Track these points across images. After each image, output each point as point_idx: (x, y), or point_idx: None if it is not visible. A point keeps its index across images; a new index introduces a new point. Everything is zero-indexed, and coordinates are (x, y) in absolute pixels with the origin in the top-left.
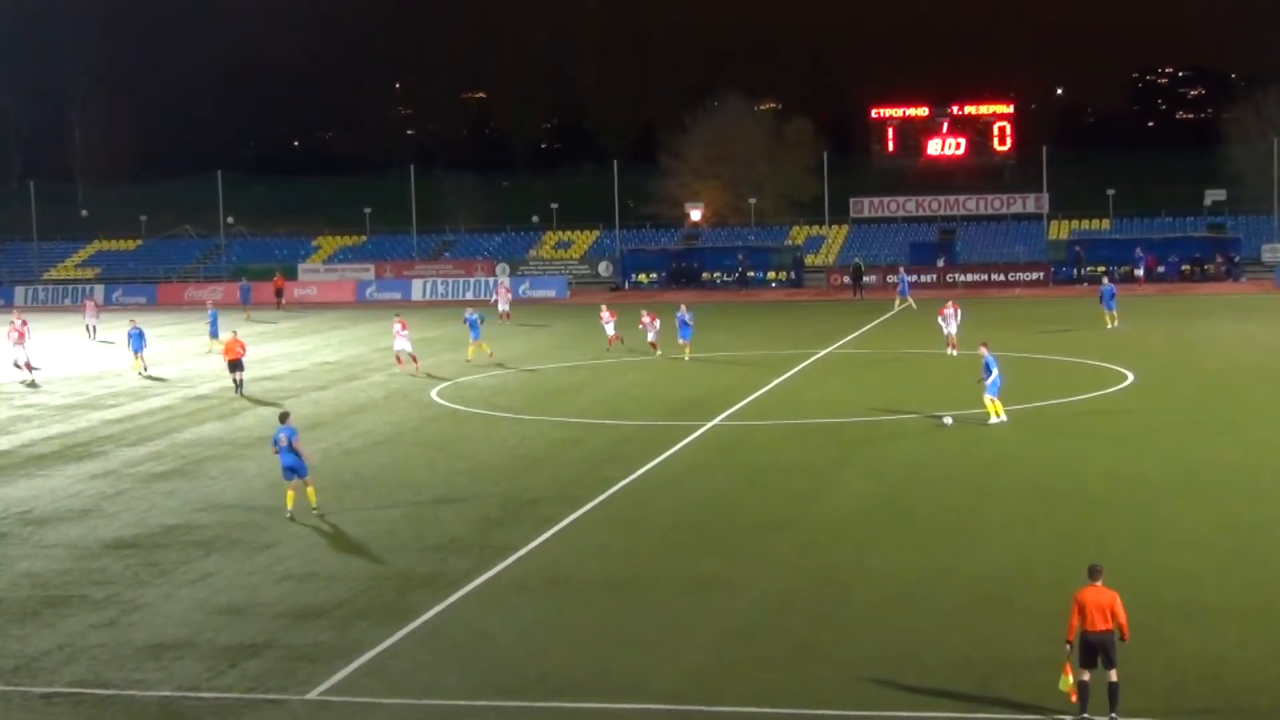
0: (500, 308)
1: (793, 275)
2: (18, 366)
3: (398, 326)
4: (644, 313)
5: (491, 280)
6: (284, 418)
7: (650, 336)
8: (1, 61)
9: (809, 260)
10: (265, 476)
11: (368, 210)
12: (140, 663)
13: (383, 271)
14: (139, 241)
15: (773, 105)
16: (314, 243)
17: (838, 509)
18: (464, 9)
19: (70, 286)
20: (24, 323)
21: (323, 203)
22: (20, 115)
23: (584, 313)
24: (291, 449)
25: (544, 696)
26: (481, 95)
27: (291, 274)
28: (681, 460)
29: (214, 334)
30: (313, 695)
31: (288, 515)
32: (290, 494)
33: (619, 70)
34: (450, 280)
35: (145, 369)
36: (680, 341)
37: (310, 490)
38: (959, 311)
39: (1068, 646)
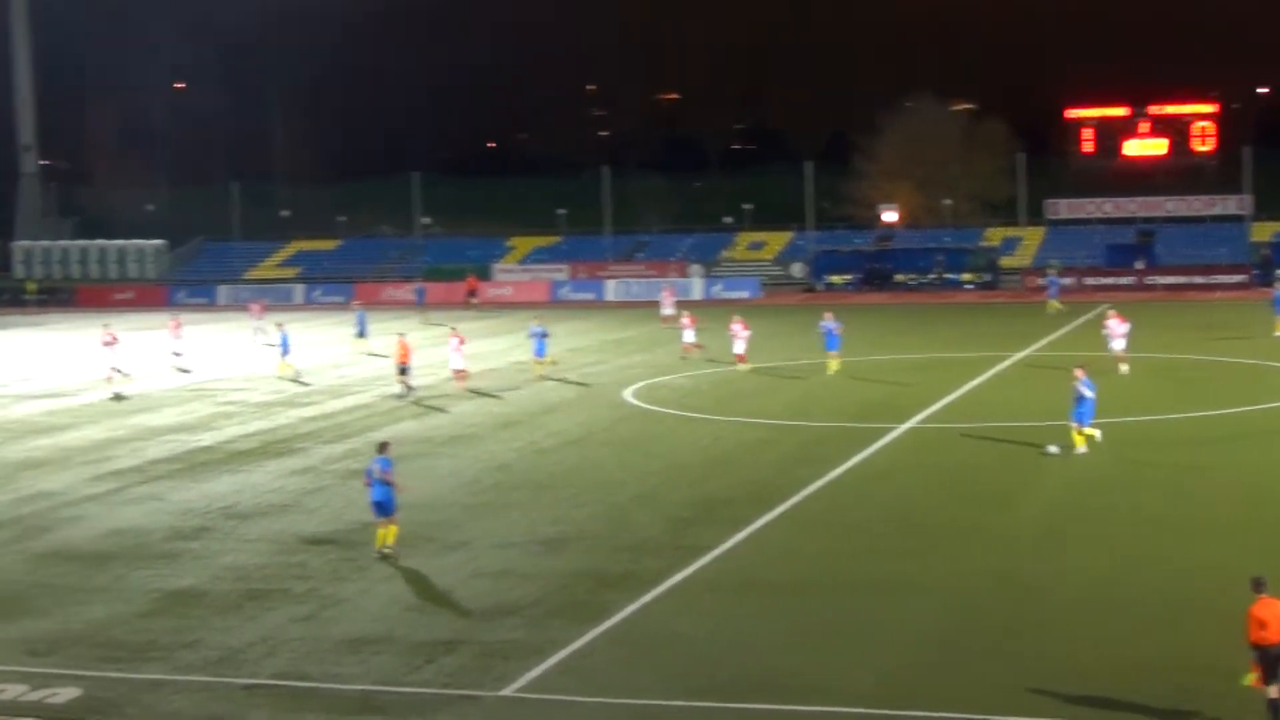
0: (664, 311)
1: (988, 277)
2: (176, 355)
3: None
4: (735, 319)
5: (679, 280)
6: (382, 447)
7: (738, 348)
8: (207, 66)
9: (1004, 262)
10: (459, 475)
11: (562, 211)
12: (339, 656)
13: (576, 272)
14: (338, 241)
15: (966, 106)
16: (508, 243)
17: (1031, 512)
18: (657, 11)
19: (271, 286)
20: (178, 324)
21: (517, 203)
22: (225, 118)
23: (778, 314)
24: (384, 481)
25: (736, 697)
26: (674, 96)
27: (486, 274)
28: (874, 462)
29: (361, 334)
30: (507, 692)
31: (385, 551)
32: (381, 532)
33: (811, 71)
34: (644, 281)
35: (284, 374)
36: (828, 353)
37: (393, 530)
38: (1126, 324)
39: (1253, 654)
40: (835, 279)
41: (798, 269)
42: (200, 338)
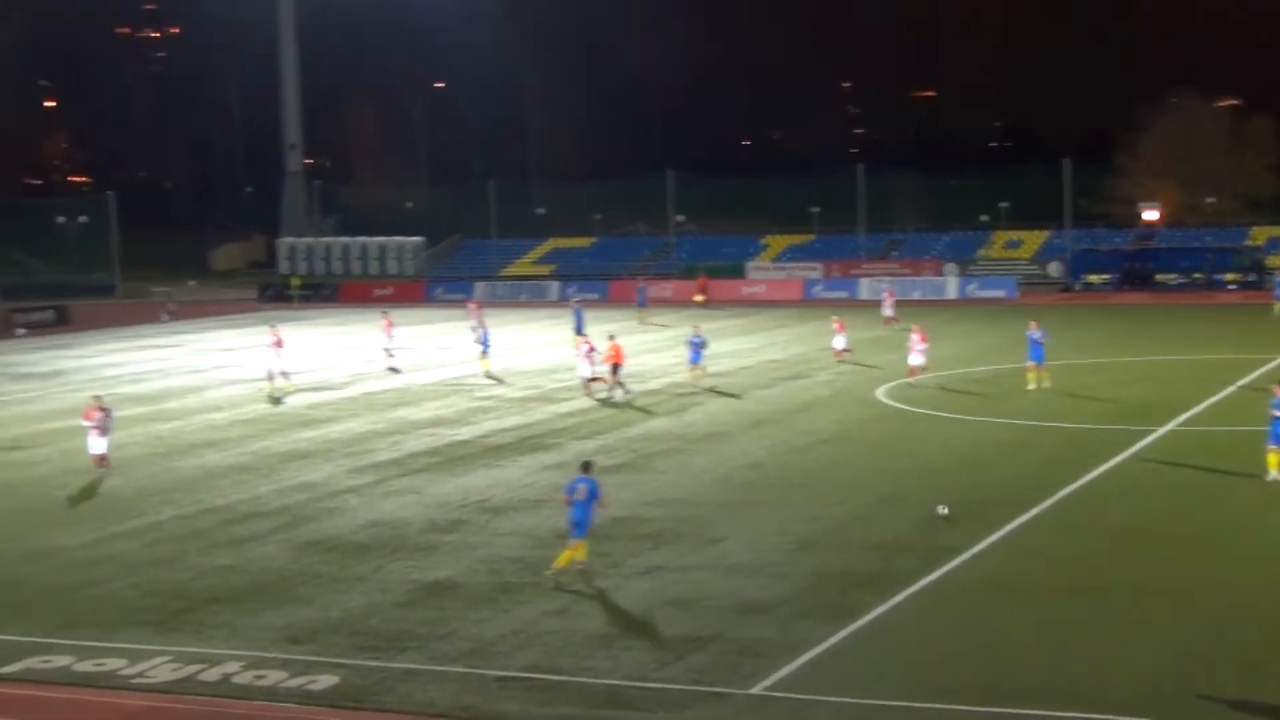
0: (885, 313)
1: (1253, 277)
2: (388, 354)
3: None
4: (914, 329)
5: (933, 280)
6: (587, 467)
7: (914, 360)
8: (463, 64)
9: (1270, 261)
10: (712, 472)
11: (815, 209)
12: (590, 650)
13: (830, 270)
14: (592, 239)
15: (1232, 102)
16: (762, 240)
17: None
18: (914, 8)
19: (527, 283)
20: (390, 323)
21: (771, 201)
22: (480, 116)
23: (1027, 316)
24: (587, 503)
25: (989, 702)
26: (930, 94)
27: (740, 272)
28: (1132, 466)
29: (579, 331)
30: (756, 690)
31: (579, 565)
32: (568, 552)
33: (1071, 68)
34: (898, 279)
35: (489, 370)
36: (1030, 364)
37: (583, 547)
38: None
39: None
40: (1093, 278)
41: (1055, 268)
42: (458, 334)
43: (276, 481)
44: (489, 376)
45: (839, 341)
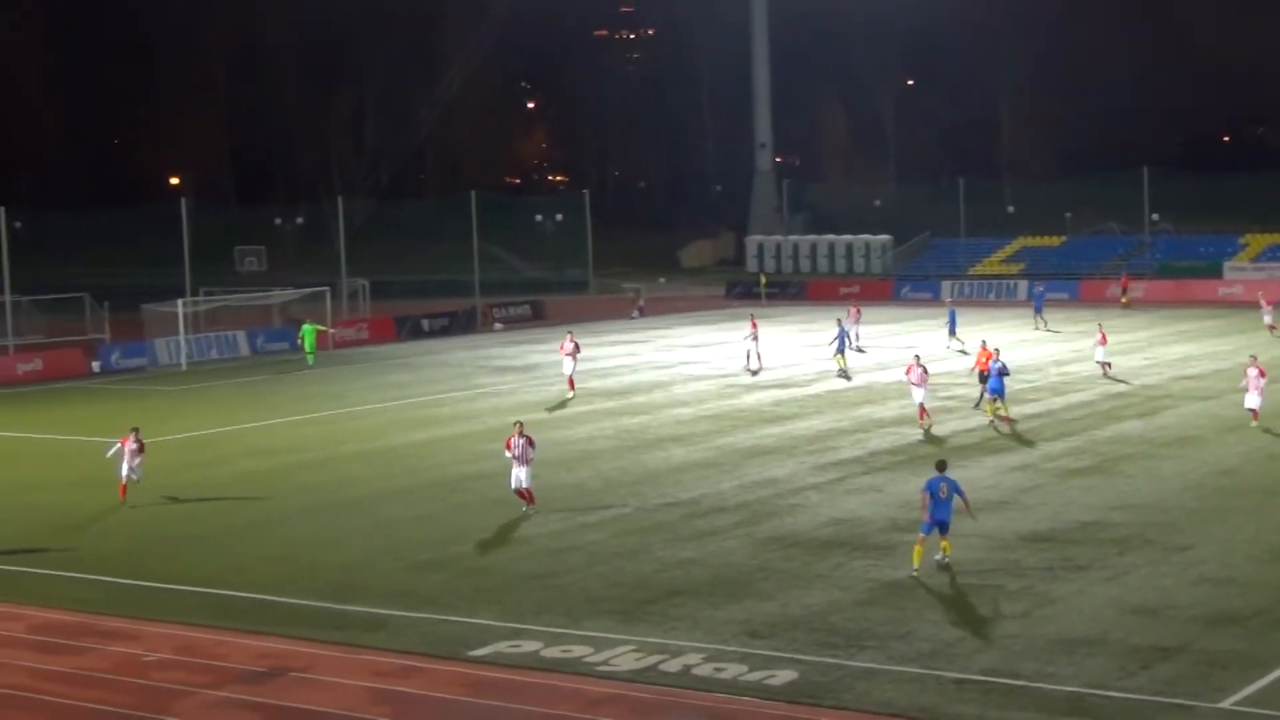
0: (1266, 319)
1: None
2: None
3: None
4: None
5: None
6: (942, 466)
7: (1099, 355)
8: (932, 61)
9: None
10: (1184, 478)
11: None
12: (1051, 656)
13: None
14: (1063, 238)
15: None
16: (1240, 240)
17: None
18: None
19: (994, 282)
20: (858, 311)
21: (1251, 199)
22: (950, 114)
23: None
24: (949, 501)
25: None
26: None
27: (1217, 272)
28: None
29: (952, 331)
30: (1225, 704)
31: (913, 573)
32: (919, 550)
33: None
34: None
35: (843, 366)
36: None
37: (945, 543)
38: None
39: None
40: None
41: None
42: (925, 333)
43: (739, 477)
44: (840, 373)
45: (1099, 353)
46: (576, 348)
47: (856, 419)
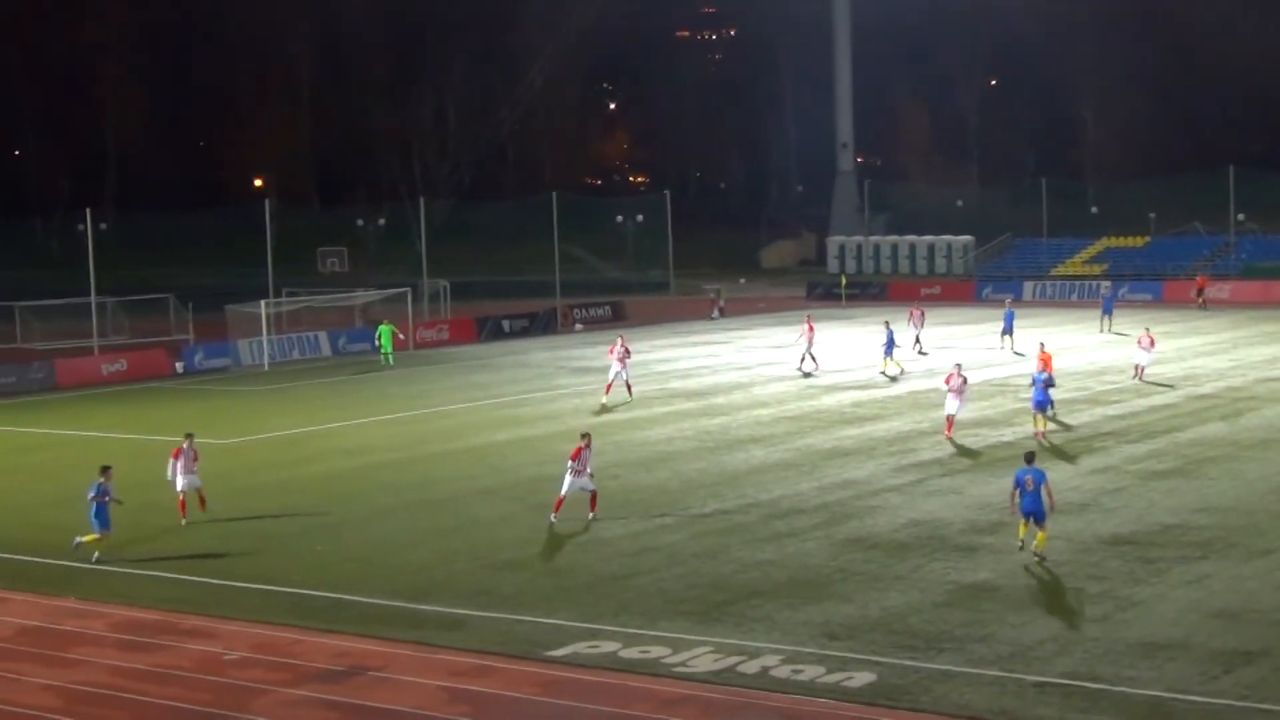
0: None
1: None
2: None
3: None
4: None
5: None
6: (1030, 458)
7: (1140, 359)
8: (1017, 66)
9: None
10: (1267, 480)
11: None
12: (1132, 660)
13: None
14: (1147, 239)
15: None
16: None
17: None
18: None
19: (1077, 283)
20: (920, 313)
21: None
22: (1034, 113)
23: None
24: (1037, 493)
25: None
26: None
27: None
28: None
29: (1007, 330)
30: None
31: (1019, 543)
32: (1024, 527)
33: None
34: None
35: (888, 370)
36: None
37: (1040, 535)
38: None
39: None
40: None
41: None
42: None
43: (818, 479)
44: (891, 375)
45: (1144, 358)
46: (627, 352)
47: (936, 421)
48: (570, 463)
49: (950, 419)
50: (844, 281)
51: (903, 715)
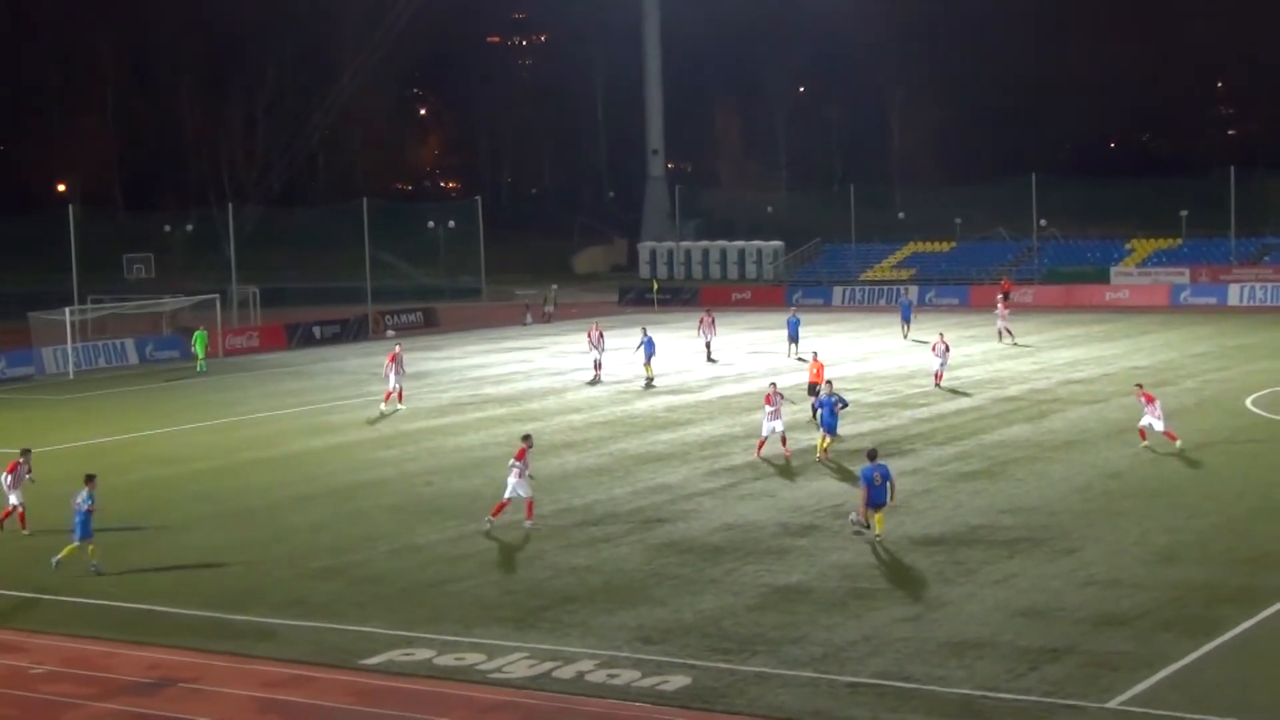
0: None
1: None
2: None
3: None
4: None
5: None
6: (874, 455)
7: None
8: (826, 74)
9: None
10: (1071, 481)
11: (1184, 213)
12: (942, 659)
13: (1198, 275)
14: (953, 244)
15: None
16: (1127, 245)
17: None
18: None
19: (885, 287)
20: (711, 320)
21: (1137, 205)
22: (841, 122)
23: None
24: (884, 486)
25: None
26: None
27: (1104, 277)
28: None
29: (793, 337)
30: (1113, 704)
31: (861, 528)
32: (880, 521)
33: None
34: (1269, 285)
35: (651, 378)
36: None
37: (878, 517)
38: None
39: None
40: None
41: None
42: (819, 339)
43: (632, 483)
44: (646, 380)
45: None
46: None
47: (749, 425)
48: (515, 463)
49: (763, 440)
50: (655, 287)
51: (718, 718)
